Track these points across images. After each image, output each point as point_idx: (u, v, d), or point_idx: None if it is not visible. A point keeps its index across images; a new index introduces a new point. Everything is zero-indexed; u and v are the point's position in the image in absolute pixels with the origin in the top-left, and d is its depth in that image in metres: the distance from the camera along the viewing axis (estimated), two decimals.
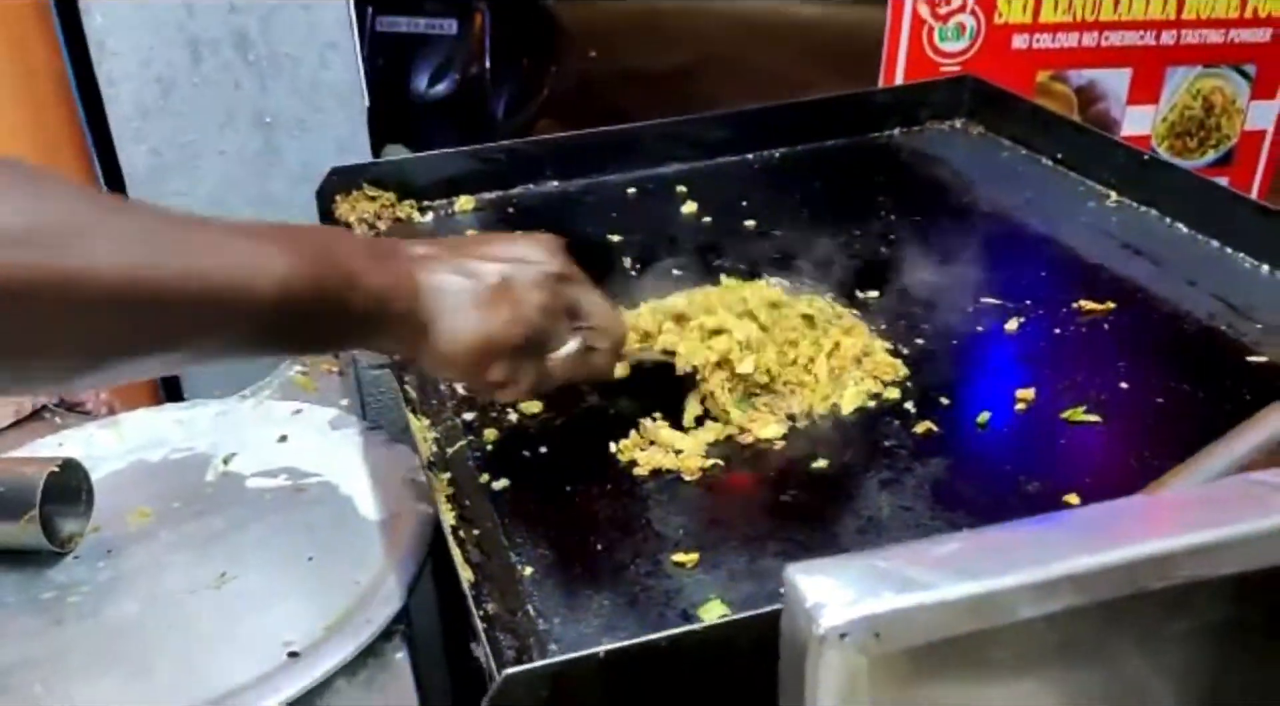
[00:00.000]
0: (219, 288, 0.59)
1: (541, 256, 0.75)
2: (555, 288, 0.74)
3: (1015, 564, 0.39)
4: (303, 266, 0.62)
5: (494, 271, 0.72)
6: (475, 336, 0.71)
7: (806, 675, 0.37)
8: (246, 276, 0.60)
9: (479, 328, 0.71)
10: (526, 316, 0.73)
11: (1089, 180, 1.23)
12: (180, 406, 1.12)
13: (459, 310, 0.71)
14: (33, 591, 0.90)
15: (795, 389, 0.88)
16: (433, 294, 0.70)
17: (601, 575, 0.73)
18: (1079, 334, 0.97)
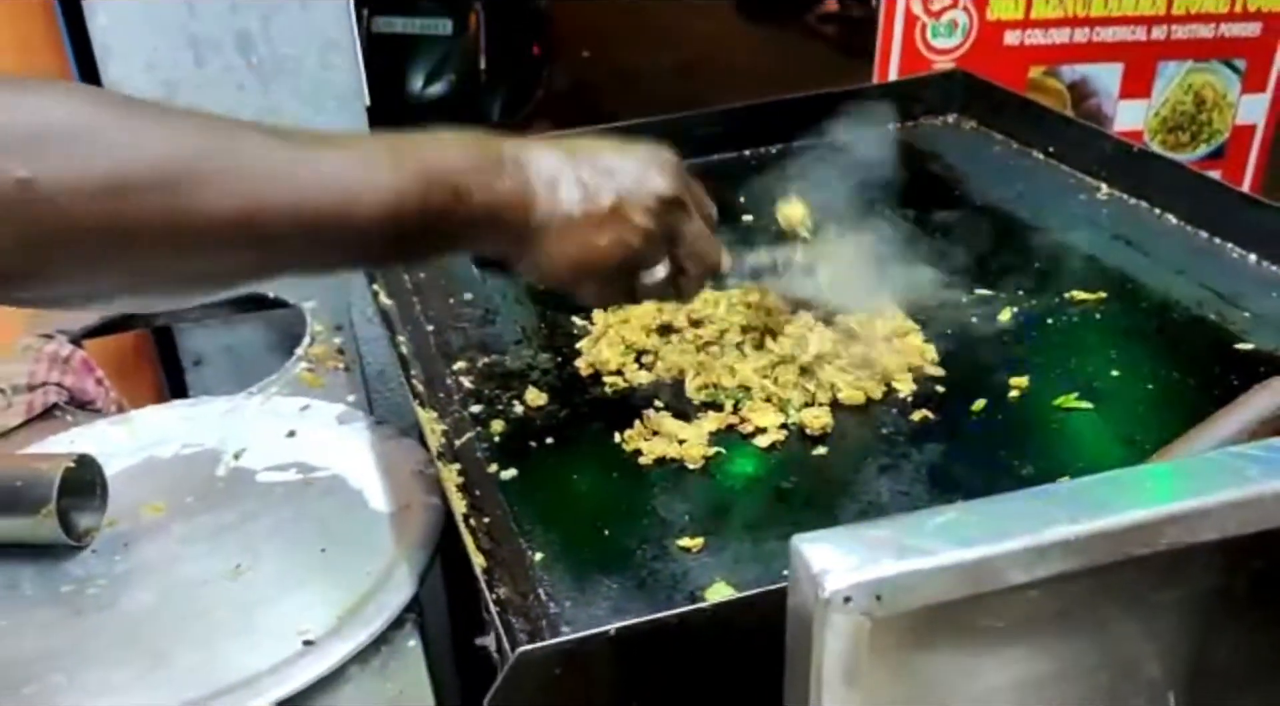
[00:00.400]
0: (328, 216, 0.61)
1: (656, 177, 0.74)
2: (662, 214, 0.74)
3: (1007, 531, 0.41)
4: (410, 186, 0.64)
5: (609, 190, 0.72)
6: (577, 255, 0.73)
7: (813, 638, 0.39)
8: (354, 202, 0.62)
9: (581, 248, 0.72)
10: (629, 241, 0.73)
11: (1080, 173, 1.25)
12: (189, 403, 1.14)
13: (566, 230, 0.71)
14: (52, 584, 0.91)
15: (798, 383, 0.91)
16: (544, 208, 0.71)
17: (609, 560, 0.76)
18: (1071, 323, 0.99)
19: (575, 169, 0.72)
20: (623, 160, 0.74)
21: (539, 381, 0.95)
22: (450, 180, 0.66)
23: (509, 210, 0.69)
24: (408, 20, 2.28)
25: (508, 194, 0.69)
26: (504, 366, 0.98)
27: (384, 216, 0.63)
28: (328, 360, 1.20)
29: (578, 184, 0.71)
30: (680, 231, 0.76)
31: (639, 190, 0.73)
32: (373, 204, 0.62)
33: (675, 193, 0.75)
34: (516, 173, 0.70)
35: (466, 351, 1.00)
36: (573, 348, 0.99)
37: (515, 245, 0.72)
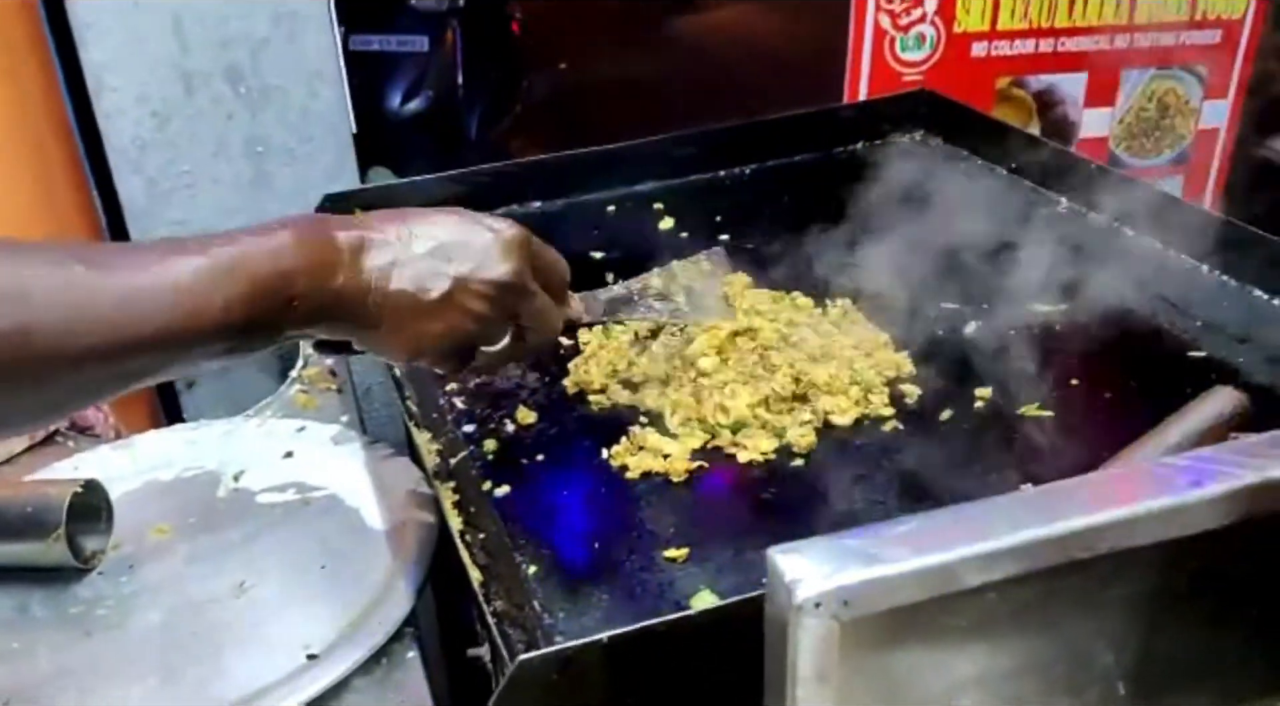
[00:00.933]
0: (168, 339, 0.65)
1: (495, 263, 0.75)
2: (500, 298, 0.76)
3: (961, 539, 0.45)
4: (235, 308, 0.66)
5: (444, 278, 0.74)
6: (412, 342, 0.75)
7: (788, 641, 0.43)
8: (190, 324, 0.65)
9: (416, 335, 0.75)
10: (463, 327, 0.76)
11: (1041, 188, 1.30)
12: (188, 427, 1.17)
13: (400, 318, 0.74)
14: (61, 606, 0.95)
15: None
16: (378, 299, 0.72)
17: (600, 571, 0.80)
18: (1032, 335, 1.04)
19: (411, 258, 0.73)
20: (463, 243, 0.75)
21: (528, 400, 0.99)
22: (283, 290, 0.68)
23: (342, 306, 0.72)
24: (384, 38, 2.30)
25: (341, 290, 0.71)
26: (494, 386, 1.02)
27: (215, 335, 0.66)
28: (320, 382, 1.23)
29: (413, 274, 0.73)
30: (519, 310, 0.79)
31: (475, 276, 0.75)
32: (206, 326, 0.66)
33: (512, 278, 0.76)
34: (351, 266, 0.71)
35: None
36: (560, 367, 1.03)
37: (351, 334, 0.75)
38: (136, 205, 1.40)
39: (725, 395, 0.94)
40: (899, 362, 0.98)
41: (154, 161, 1.39)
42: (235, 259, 0.67)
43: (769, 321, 1.02)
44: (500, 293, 0.76)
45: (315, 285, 0.70)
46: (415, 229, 0.75)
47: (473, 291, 0.75)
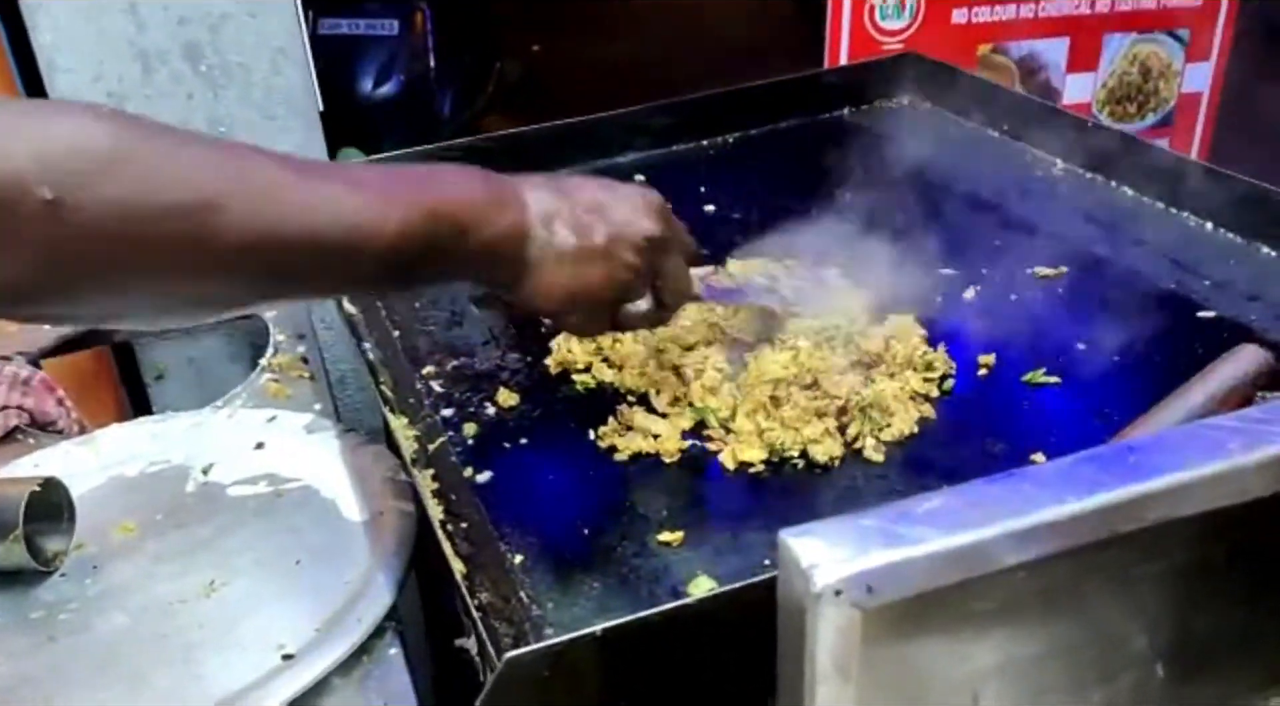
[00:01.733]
0: (338, 247, 0.64)
1: (645, 218, 0.77)
2: (649, 252, 0.77)
3: (995, 515, 0.41)
4: (416, 222, 0.66)
5: (601, 229, 0.75)
6: (568, 289, 0.75)
7: (805, 632, 0.39)
8: (363, 235, 0.65)
9: (573, 282, 0.75)
10: (618, 276, 0.76)
11: (1035, 149, 1.26)
12: (154, 420, 1.12)
13: (561, 264, 0.74)
14: (22, 611, 0.90)
15: None
16: (540, 243, 0.73)
17: (590, 559, 0.75)
18: (1034, 299, 1.00)
19: (570, 207, 0.75)
20: (614, 200, 0.77)
21: (509, 382, 0.95)
22: (454, 217, 0.69)
23: (508, 245, 0.72)
24: (353, 21, 2.25)
25: (507, 229, 0.71)
26: (473, 368, 0.98)
27: (390, 249, 0.66)
28: (292, 369, 1.18)
29: (572, 222, 0.74)
30: (663, 268, 0.80)
31: (629, 230, 0.76)
32: (380, 237, 0.65)
33: (661, 233, 0.78)
34: (516, 209, 0.72)
35: (434, 355, 0.99)
36: (542, 346, 0.99)
37: (511, 277, 0.74)
38: None
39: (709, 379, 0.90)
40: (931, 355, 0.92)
41: None
42: (412, 182, 0.69)
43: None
44: (650, 245, 0.77)
45: (487, 219, 0.70)
46: (571, 185, 0.77)
47: (627, 242, 0.76)
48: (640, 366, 0.93)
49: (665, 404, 0.89)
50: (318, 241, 0.63)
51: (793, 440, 0.83)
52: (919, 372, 0.89)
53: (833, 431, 0.84)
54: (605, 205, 0.76)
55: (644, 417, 0.87)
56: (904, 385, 0.87)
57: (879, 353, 0.90)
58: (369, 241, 0.65)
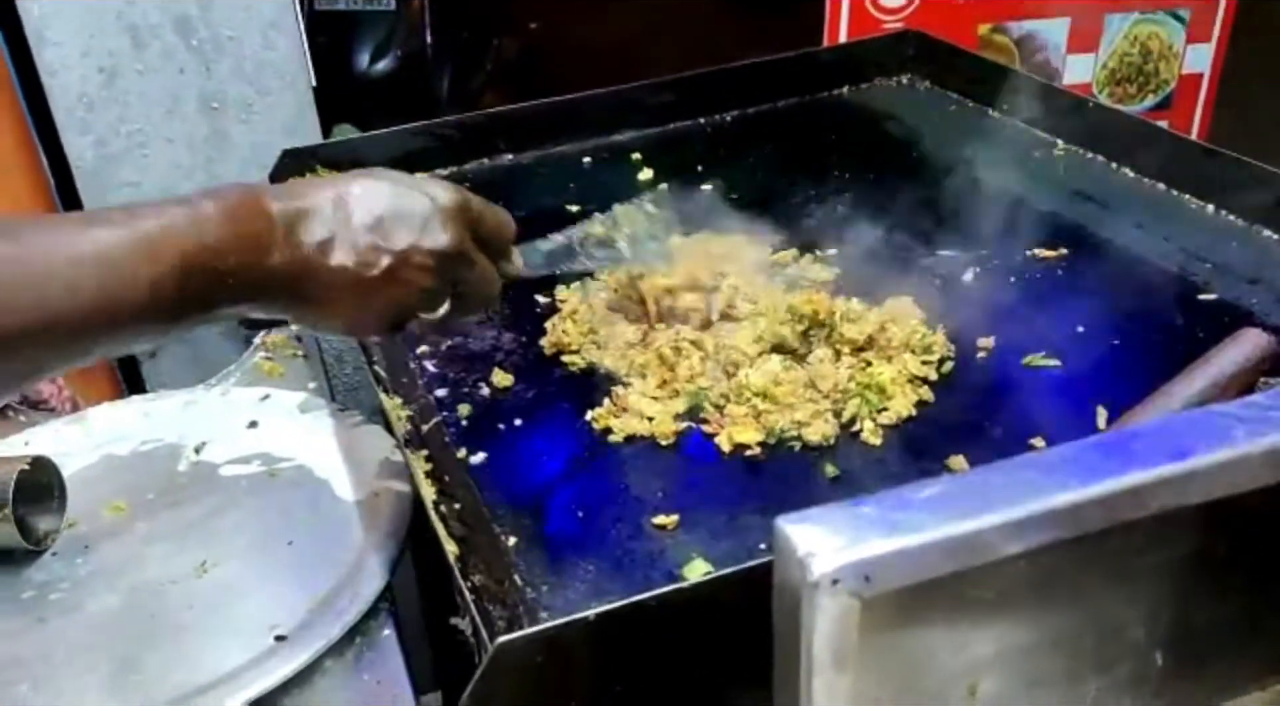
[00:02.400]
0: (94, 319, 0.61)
1: (436, 234, 0.72)
2: (442, 268, 0.73)
3: (996, 503, 0.40)
4: (166, 281, 0.62)
5: (384, 259, 0.70)
6: (352, 317, 0.72)
7: (802, 622, 0.38)
8: (116, 304, 0.61)
9: (357, 311, 0.71)
10: (404, 301, 0.72)
11: (1035, 129, 1.25)
12: (146, 398, 1.11)
13: (341, 294, 0.70)
14: (12, 591, 0.89)
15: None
16: (317, 278, 0.69)
17: (585, 541, 0.75)
18: (1034, 281, 0.99)
19: (353, 230, 0.69)
20: (400, 214, 0.71)
21: (504, 362, 0.94)
22: (212, 266, 0.64)
23: (277, 284, 0.68)
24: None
25: (276, 268, 0.67)
26: (468, 348, 0.97)
27: (147, 310, 0.63)
28: (286, 348, 1.18)
29: (350, 249, 0.69)
30: (461, 276, 0.75)
31: (417, 248, 0.71)
32: (134, 305, 0.62)
33: (453, 247, 0.73)
34: (287, 242, 0.67)
35: (428, 335, 0.99)
36: (537, 327, 0.98)
37: (286, 311, 0.71)
38: (86, 166, 1.33)
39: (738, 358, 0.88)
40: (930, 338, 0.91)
41: (103, 120, 1.32)
42: (162, 233, 0.63)
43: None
44: (441, 262, 0.72)
45: (248, 262, 0.66)
46: (352, 198, 0.70)
47: (414, 264, 0.71)
48: (623, 349, 0.92)
49: (654, 387, 0.88)
50: (65, 322, 0.60)
51: (789, 421, 0.82)
52: (917, 355, 0.88)
53: (826, 414, 0.83)
54: (389, 222, 0.70)
55: (638, 400, 0.87)
56: (902, 368, 0.86)
57: (866, 338, 0.89)
58: (120, 311, 0.62)
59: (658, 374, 0.89)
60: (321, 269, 0.68)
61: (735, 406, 0.84)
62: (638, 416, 0.85)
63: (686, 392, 0.87)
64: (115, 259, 0.62)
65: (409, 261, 0.71)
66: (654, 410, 0.86)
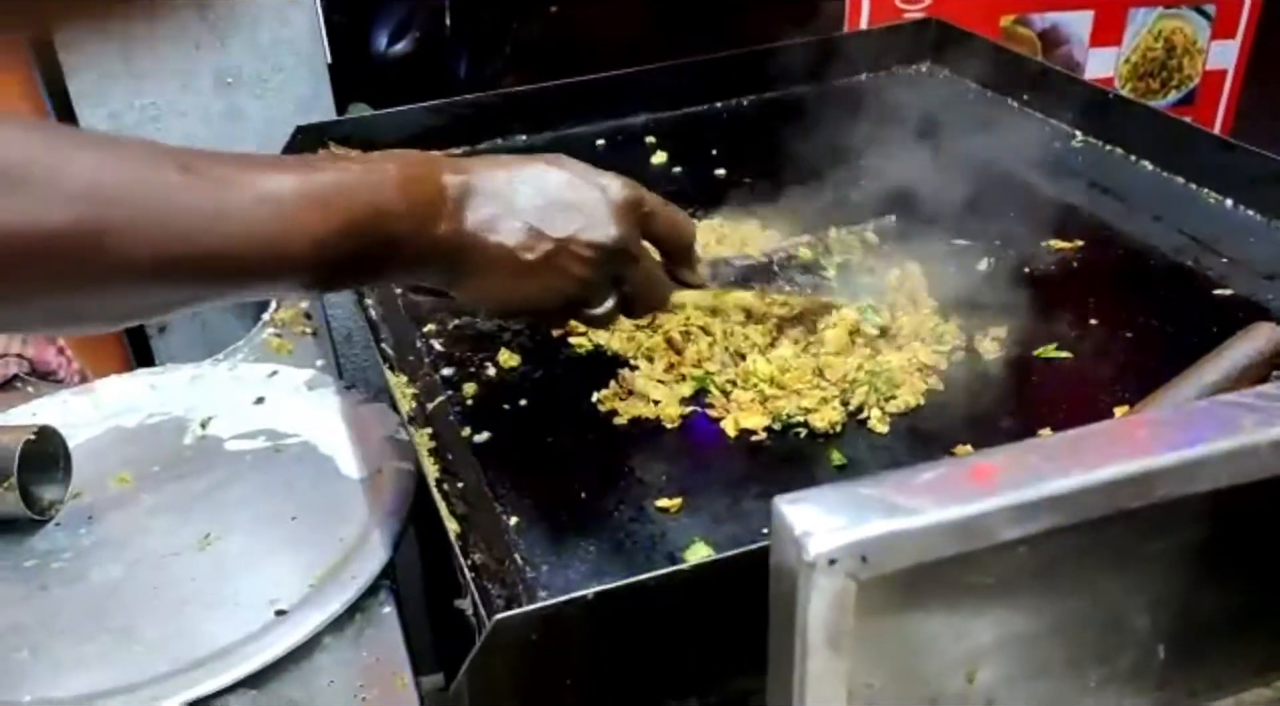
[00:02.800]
0: (250, 266, 0.61)
1: (604, 224, 0.71)
2: (603, 263, 0.72)
3: (997, 487, 0.39)
4: (335, 238, 0.62)
5: (548, 239, 0.69)
6: (508, 299, 0.72)
7: (797, 601, 0.38)
8: (277, 255, 0.61)
9: (512, 294, 0.71)
10: (562, 289, 0.72)
11: (1054, 120, 1.24)
12: (154, 371, 1.11)
13: (499, 275, 0.70)
14: (15, 559, 0.89)
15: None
16: (479, 253, 0.69)
17: (586, 522, 0.74)
18: (1049, 272, 0.98)
19: (516, 212, 0.69)
20: (568, 203, 0.71)
21: (511, 342, 0.93)
22: (380, 229, 0.64)
23: (443, 255, 0.68)
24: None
25: (442, 239, 0.67)
26: (475, 328, 0.96)
27: (307, 265, 0.62)
28: (295, 325, 1.17)
29: (516, 229, 0.69)
30: (624, 276, 0.74)
31: (580, 238, 0.70)
32: (296, 255, 0.61)
33: (617, 243, 0.71)
34: (454, 215, 0.68)
35: (436, 314, 0.98)
36: None
37: (446, 283, 0.71)
38: None
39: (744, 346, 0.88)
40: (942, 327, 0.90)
41: (117, 93, 1.31)
42: (334, 188, 0.63)
43: None
44: (603, 257, 0.71)
45: (416, 229, 0.66)
46: (522, 180, 0.70)
47: (574, 254, 0.70)
48: (629, 332, 0.91)
49: (661, 371, 0.87)
50: (228, 261, 0.60)
51: (795, 407, 0.81)
52: (928, 344, 0.87)
53: (834, 401, 0.82)
54: (555, 209, 0.70)
55: (644, 383, 0.86)
56: (912, 356, 0.85)
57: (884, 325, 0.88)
58: (284, 260, 0.61)
59: (665, 357, 0.88)
60: (481, 245, 0.68)
61: (742, 391, 0.84)
62: (643, 399, 0.85)
63: (693, 377, 0.86)
64: (287, 208, 0.61)
65: (568, 250, 0.70)
66: (660, 393, 0.85)
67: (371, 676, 0.79)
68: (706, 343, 0.88)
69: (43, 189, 0.53)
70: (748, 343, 0.88)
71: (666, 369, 0.87)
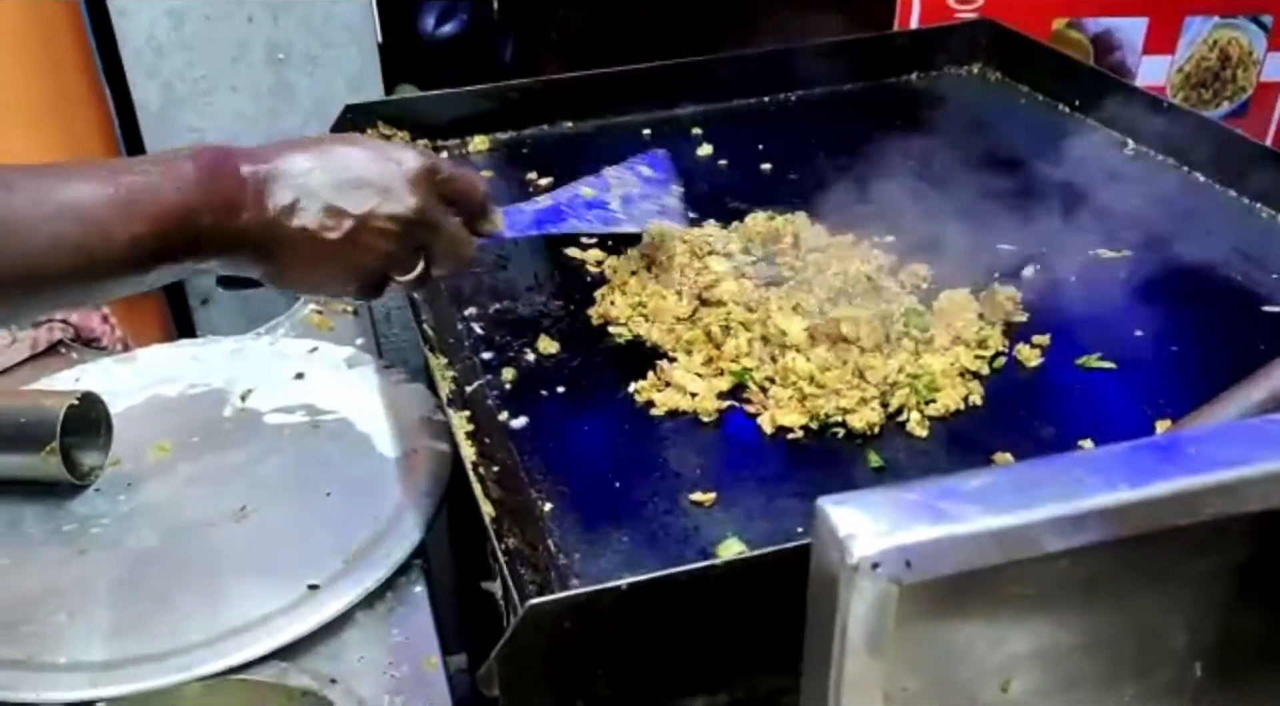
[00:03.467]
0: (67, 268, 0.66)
1: (401, 197, 0.74)
2: (406, 233, 0.75)
3: (1044, 498, 0.39)
4: (144, 238, 0.67)
5: (349, 217, 0.73)
6: (315, 278, 0.76)
7: (838, 604, 0.38)
8: (91, 255, 0.66)
9: (319, 272, 0.75)
10: (366, 263, 0.75)
11: (1107, 127, 1.22)
12: (196, 342, 1.13)
13: (304, 256, 0.73)
14: (55, 523, 0.91)
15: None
16: (283, 238, 0.72)
17: (620, 512, 0.75)
18: (1094, 281, 0.97)
19: (316, 193, 0.72)
20: (365, 180, 0.74)
21: (551, 329, 0.94)
22: (186, 225, 0.68)
23: (246, 244, 0.72)
24: None
25: (246, 228, 0.71)
26: (516, 313, 0.97)
27: (122, 267, 0.67)
28: (336, 303, 1.18)
29: (316, 211, 0.72)
30: (426, 242, 0.78)
31: (379, 212, 0.74)
32: (107, 259, 0.66)
33: (416, 212, 0.75)
34: (255, 204, 0.71)
35: (478, 297, 0.99)
36: (586, 295, 0.97)
37: (254, 270, 0.74)
38: (151, 109, 1.34)
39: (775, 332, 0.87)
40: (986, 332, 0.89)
41: (170, 64, 1.33)
42: (142, 191, 0.67)
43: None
44: (405, 227, 0.75)
45: (219, 221, 0.70)
46: (320, 163, 0.73)
47: (376, 229, 0.74)
48: (670, 324, 0.91)
49: (699, 364, 0.87)
50: (38, 267, 0.65)
51: (834, 407, 0.81)
52: (970, 349, 0.86)
53: (874, 402, 0.82)
54: (352, 187, 0.73)
55: (682, 375, 0.86)
56: (954, 360, 0.85)
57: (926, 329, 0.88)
58: (95, 263, 0.66)
59: (704, 350, 0.88)
60: (285, 231, 0.72)
61: (780, 389, 0.83)
62: (681, 392, 0.85)
63: (732, 372, 0.86)
64: (96, 215, 0.66)
65: (370, 226, 0.73)
66: (698, 386, 0.85)
67: (401, 655, 0.80)
68: (746, 338, 0.88)
69: None
70: (788, 339, 0.87)
71: (705, 362, 0.87)
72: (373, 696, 0.77)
